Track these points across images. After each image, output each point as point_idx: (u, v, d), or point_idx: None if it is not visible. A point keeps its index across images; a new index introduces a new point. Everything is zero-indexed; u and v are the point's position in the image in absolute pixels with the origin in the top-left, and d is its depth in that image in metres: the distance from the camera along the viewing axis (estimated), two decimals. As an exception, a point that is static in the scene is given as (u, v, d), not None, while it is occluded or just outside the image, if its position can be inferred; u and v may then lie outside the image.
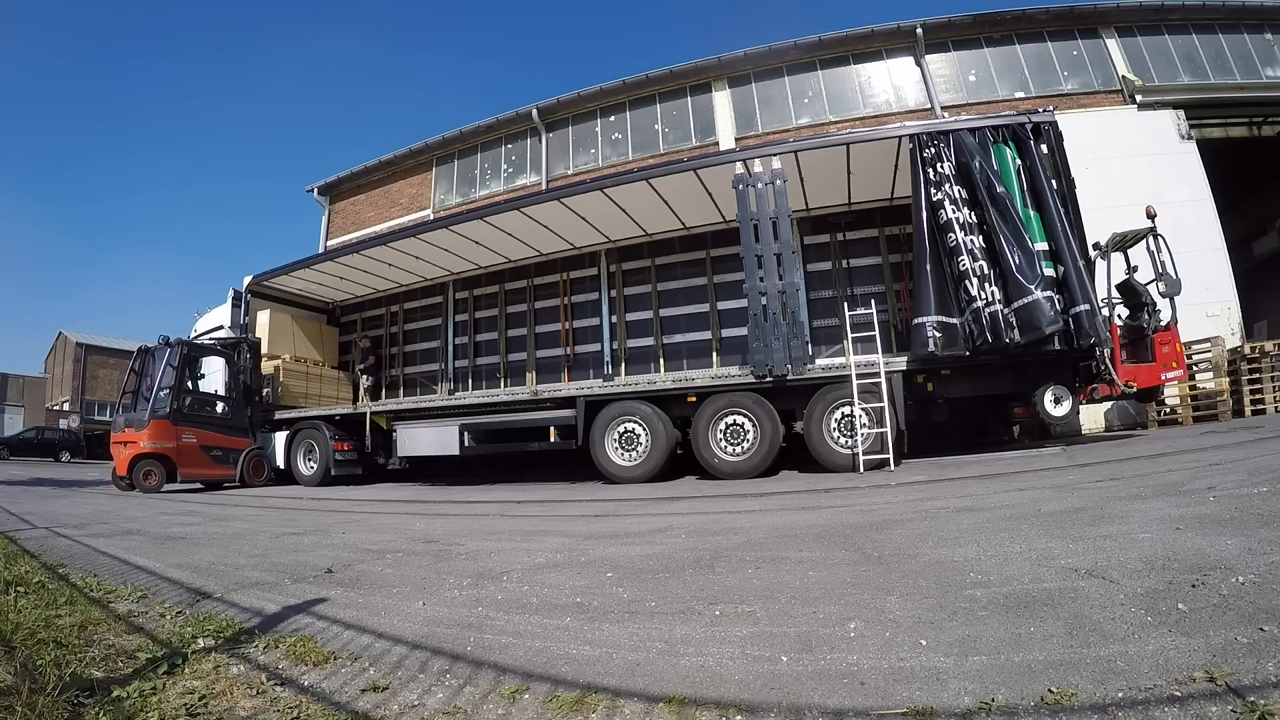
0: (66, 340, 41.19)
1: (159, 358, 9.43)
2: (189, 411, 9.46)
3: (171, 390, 9.24)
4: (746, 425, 6.81)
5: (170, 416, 9.18)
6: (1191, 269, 7.99)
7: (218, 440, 9.64)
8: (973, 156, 6.46)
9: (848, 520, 3.60)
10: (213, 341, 10.45)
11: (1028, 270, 6.03)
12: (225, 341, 10.41)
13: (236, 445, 9.79)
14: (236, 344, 10.27)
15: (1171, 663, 1.39)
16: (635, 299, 10.85)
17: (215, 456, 9.59)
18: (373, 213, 15.74)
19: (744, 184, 7.20)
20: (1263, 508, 2.71)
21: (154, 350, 9.58)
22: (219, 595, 2.75)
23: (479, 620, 2.20)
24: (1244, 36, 11.58)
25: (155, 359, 9.49)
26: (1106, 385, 6.57)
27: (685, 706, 1.45)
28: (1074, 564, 2.21)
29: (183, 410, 9.36)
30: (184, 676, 1.80)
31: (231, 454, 9.71)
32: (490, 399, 8.62)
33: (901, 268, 9.26)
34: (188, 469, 9.33)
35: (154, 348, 9.60)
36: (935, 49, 11.87)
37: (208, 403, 9.83)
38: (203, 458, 9.47)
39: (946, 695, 1.37)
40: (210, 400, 9.88)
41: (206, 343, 10.34)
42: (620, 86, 13.32)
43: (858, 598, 2.11)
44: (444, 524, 4.90)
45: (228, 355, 10.13)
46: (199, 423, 9.52)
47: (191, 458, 9.35)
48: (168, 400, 9.21)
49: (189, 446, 9.33)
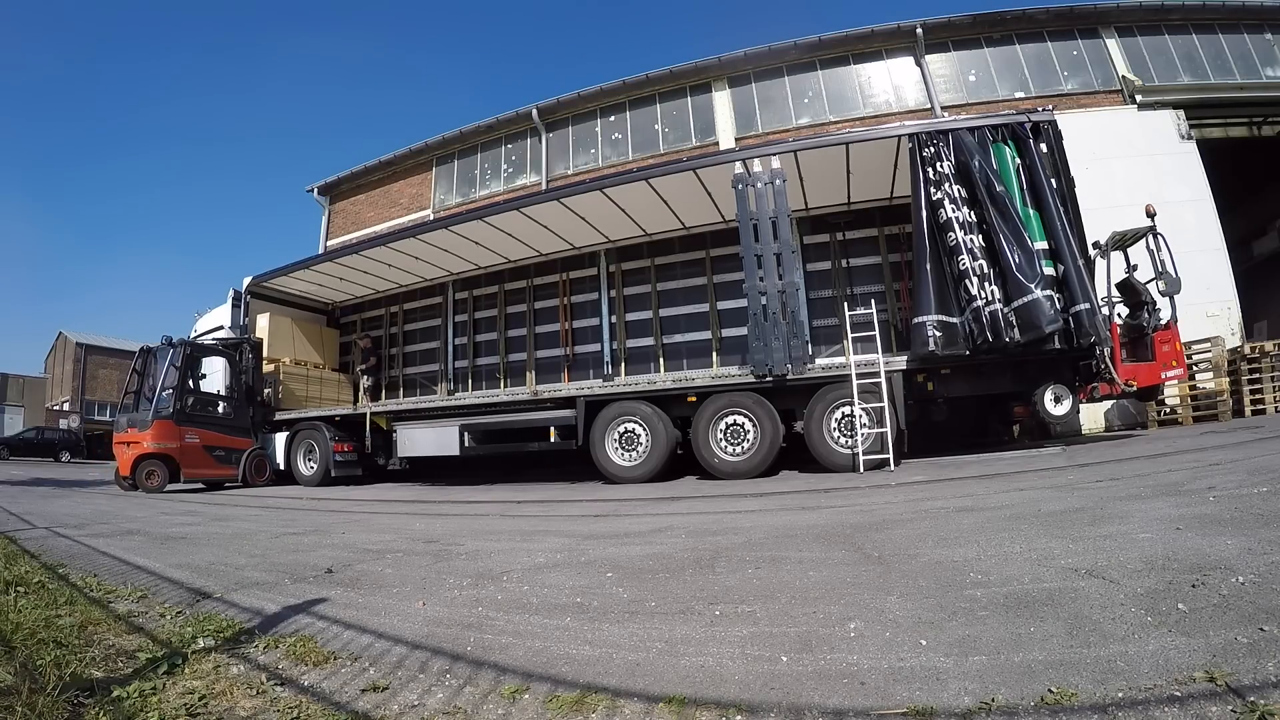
0: (66, 340, 41.19)
1: (161, 358, 9.45)
2: (192, 412, 9.47)
3: (175, 390, 9.24)
4: (746, 425, 6.81)
5: (173, 416, 9.20)
6: (1191, 269, 7.98)
7: (220, 440, 9.66)
8: (972, 155, 6.45)
9: (848, 520, 3.60)
10: (215, 342, 10.46)
11: (1027, 269, 6.03)
12: (227, 342, 10.42)
13: (239, 445, 9.80)
14: (239, 344, 10.28)
15: (1171, 663, 1.39)
16: (635, 299, 10.85)
17: (218, 457, 9.61)
18: (373, 213, 15.73)
19: (743, 184, 7.19)
20: (1263, 508, 2.71)
21: (156, 350, 9.60)
22: (219, 595, 2.75)
23: (479, 620, 2.20)
24: (1244, 36, 11.58)
25: (158, 359, 9.51)
26: (1106, 384, 6.56)
27: (685, 706, 1.45)
28: (1074, 564, 2.21)
29: (186, 410, 9.37)
30: (184, 676, 1.80)
31: (234, 454, 9.72)
32: (490, 399, 8.62)
33: (901, 267, 9.26)
34: (191, 469, 9.35)
35: (156, 348, 9.61)
36: (935, 49, 11.88)
37: (210, 403, 9.84)
38: (206, 458, 9.49)
39: (946, 695, 1.37)
40: (213, 400, 9.89)
41: (209, 343, 10.34)
42: (620, 86, 13.32)
43: (858, 598, 2.11)
44: (444, 524, 4.90)
45: (230, 356, 10.13)
46: (202, 423, 9.53)
47: (195, 458, 9.37)
48: (171, 400, 9.22)
49: (192, 446, 9.35)
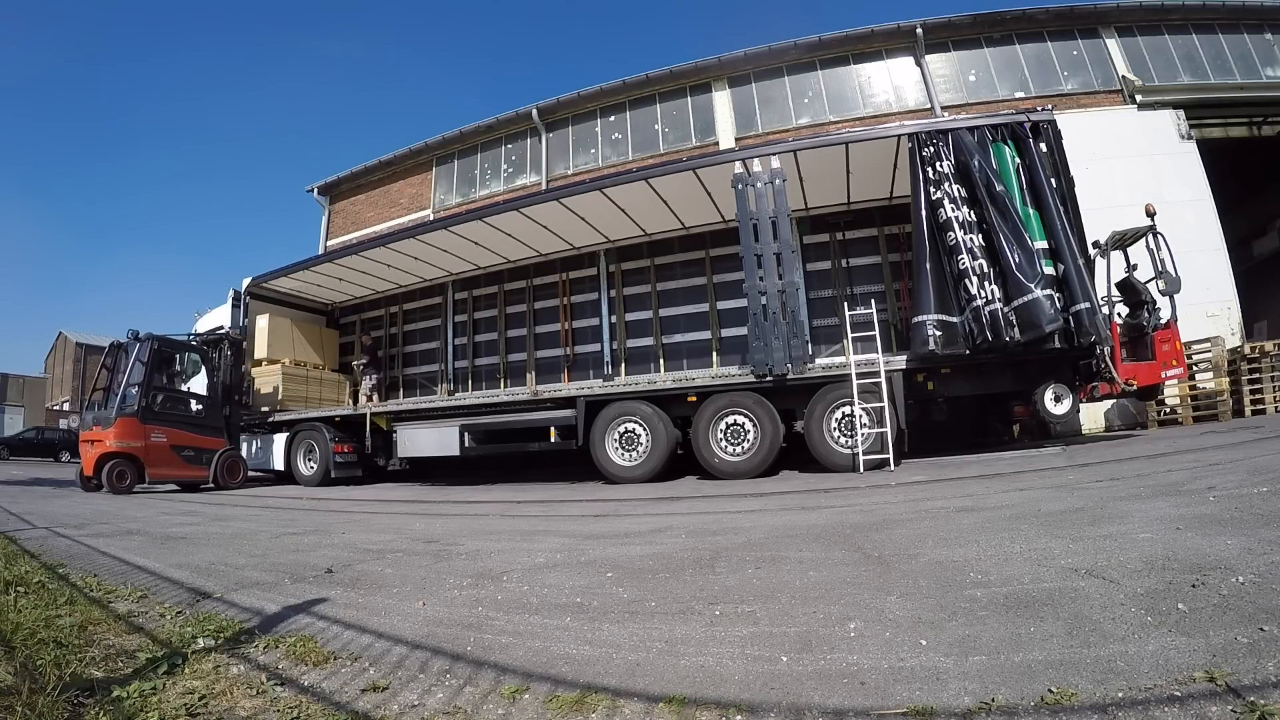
0: (66, 340, 41.23)
1: (130, 353, 9.04)
2: (160, 410, 9.07)
3: (140, 387, 8.83)
4: (747, 425, 6.81)
5: (139, 414, 8.77)
6: (1191, 269, 7.99)
7: (190, 440, 9.25)
8: (972, 155, 6.45)
9: (848, 520, 3.60)
10: (188, 337, 10.08)
11: (1027, 268, 6.03)
12: (204, 338, 10.07)
13: (210, 445, 9.41)
14: (217, 341, 9.94)
15: (1171, 663, 1.39)
16: (635, 299, 10.84)
17: (187, 457, 9.18)
18: (373, 213, 15.73)
19: (743, 183, 7.19)
20: (1263, 508, 2.71)
21: (126, 345, 9.17)
22: (219, 595, 2.75)
23: (479, 620, 2.20)
24: (1244, 36, 11.58)
25: (127, 354, 9.09)
26: (1107, 383, 6.57)
27: (685, 706, 1.45)
28: (1074, 564, 2.21)
29: (153, 408, 8.97)
30: (184, 676, 1.80)
31: (205, 454, 9.32)
32: (490, 399, 8.62)
33: (901, 267, 9.25)
34: (157, 469, 8.91)
35: (126, 343, 9.18)
36: (935, 49, 11.88)
37: (181, 401, 9.48)
38: (173, 458, 9.05)
39: (946, 695, 1.37)
40: (184, 398, 9.56)
41: (179, 338, 9.92)
42: (620, 86, 13.32)
43: (858, 598, 2.11)
44: (444, 524, 4.90)
45: (203, 352, 9.79)
46: (170, 421, 9.12)
47: (160, 457, 8.93)
48: (136, 397, 8.80)
49: (158, 446, 8.91)
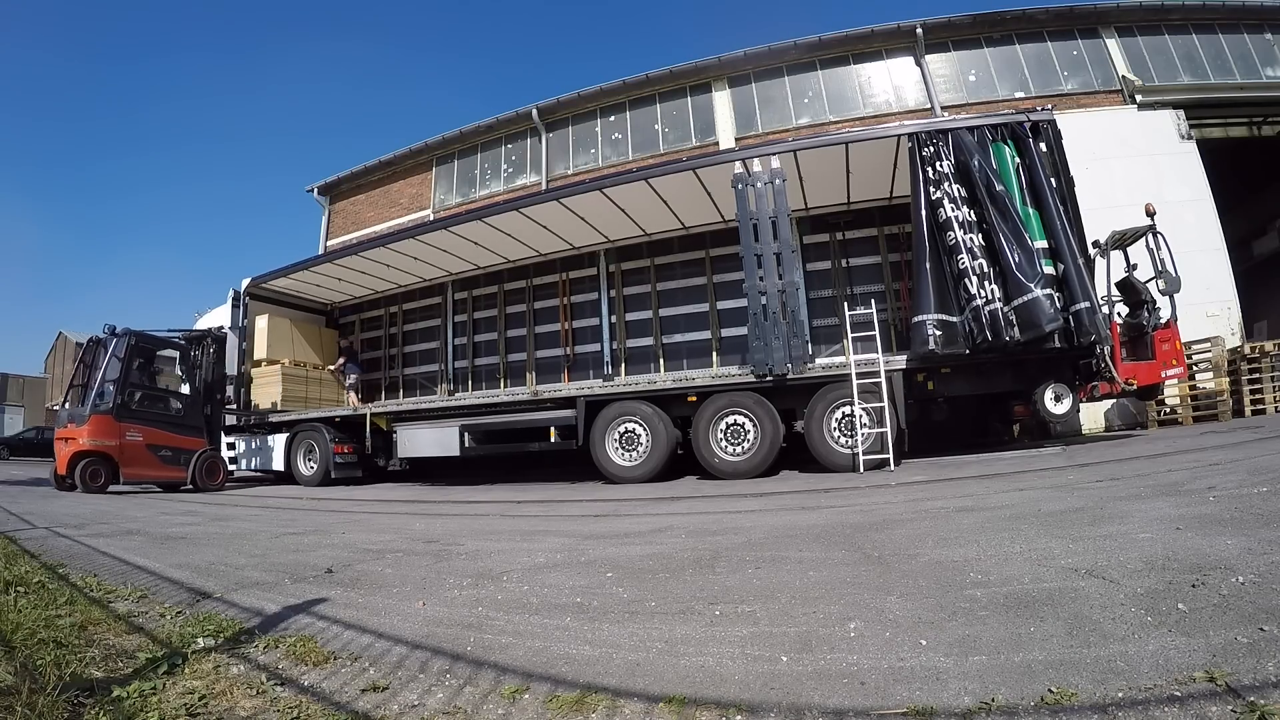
0: (66, 340, 41.14)
1: (107, 349, 8.72)
2: (137, 407, 8.77)
3: (117, 384, 8.52)
4: (747, 425, 6.81)
5: (113, 412, 8.44)
6: (1191, 269, 7.99)
7: (167, 439, 8.93)
8: (971, 155, 6.45)
9: (848, 520, 3.60)
10: (169, 333, 9.79)
11: (1027, 268, 6.03)
12: (186, 334, 9.87)
13: (188, 445, 9.10)
14: (200, 338, 9.73)
15: (1171, 663, 1.39)
16: (635, 299, 10.85)
17: (164, 457, 8.86)
18: (373, 213, 15.73)
19: (743, 183, 7.19)
20: (1263, 508, 2.71)
21: (104, 341, 8.84)
22: (219, 595, 2.75)
23: (479, 620, 2.20)
24: (1244, 36, 11.59)
25: (105, 350, 8.77)
26: (1107, 383, 6.58)
27: (685, 706, 1.44)
28: (1074, 564, 2.21)
29: (129, 406, 8.67)
30: (184, 676, 1.80)
31: (183, 455, 9.00)
32: (490, 399, 8.61)
33: (901, 267, 9.25)
34: (131, 469, 8.60)
35: (104, 338, 8.87)
36: (935, 49, 11.88)
37: (159, 399, 9.20)
38: (149, 457, 8.74)
39: (946, 695, 1.37)
40: (162, 396, 9.31)
41: (159, 334, 9.58)
42: (620, 86, 13.33)
43: (858, 598, 2.11)
44: (444, 524, 4.90)
45: (185, 349, 9.54)
46: (147, 420, 8.81)
47: (136, 457, 8.61)
48: (112, 394, 8.49)
49: (134, 445, 8.59)
